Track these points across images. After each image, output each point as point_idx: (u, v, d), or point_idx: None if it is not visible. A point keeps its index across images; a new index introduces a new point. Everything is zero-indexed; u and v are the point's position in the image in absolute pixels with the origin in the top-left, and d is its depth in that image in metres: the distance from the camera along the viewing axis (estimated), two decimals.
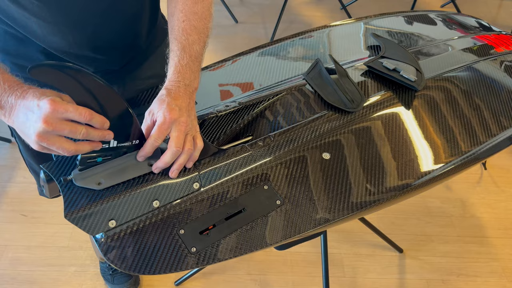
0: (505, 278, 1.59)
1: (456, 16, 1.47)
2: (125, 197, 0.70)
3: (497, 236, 1.73)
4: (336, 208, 0.79)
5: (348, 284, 1.54)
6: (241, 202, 0.76)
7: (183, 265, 0.68)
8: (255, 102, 0.95)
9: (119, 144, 0.69)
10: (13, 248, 1.56)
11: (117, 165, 0.70)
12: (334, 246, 1.63)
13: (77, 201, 0.68)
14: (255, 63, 1.09)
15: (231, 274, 1.54)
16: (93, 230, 0.67)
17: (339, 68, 1.00)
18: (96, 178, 0.69)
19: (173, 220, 0.72)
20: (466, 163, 0.93)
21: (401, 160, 0.89)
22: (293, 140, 0.86)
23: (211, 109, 0.92)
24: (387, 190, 0.84)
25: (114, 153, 0.70)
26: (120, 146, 0.69)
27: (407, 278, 1.57)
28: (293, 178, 0.81)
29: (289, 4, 2.81)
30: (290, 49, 1.17)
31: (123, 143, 0.69)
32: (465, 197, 1.86)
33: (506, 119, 1.04)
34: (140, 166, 0.72)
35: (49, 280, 1.48)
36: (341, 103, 0.93)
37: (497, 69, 1.18)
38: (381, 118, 0.95)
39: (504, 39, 1.34)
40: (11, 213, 1.66)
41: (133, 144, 0.70)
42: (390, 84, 1.02)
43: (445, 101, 1.03)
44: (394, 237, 1.65)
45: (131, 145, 0.70)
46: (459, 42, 1.26)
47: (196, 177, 0.76)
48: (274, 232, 0.74)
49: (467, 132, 0.98)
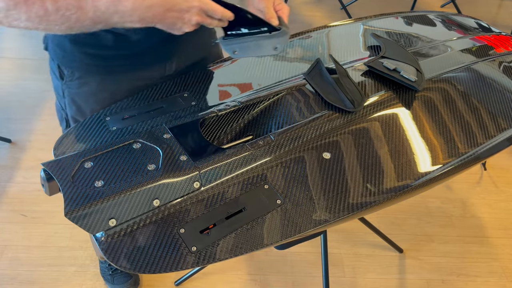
0: (505, 278, 1.60)
1: (455, 17, 1.47)
2: (126, 195, 0.70)
3: (497, 236, 1.73)
4: (336, 207, 0.79)
5: (348, 284, 1.54)
6: (242, 202, 0.76)
7: (183, 264, 0.68)
8: (256, 101, 0.95)
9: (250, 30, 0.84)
10: (13, 248, 1.56)
11: (250, 41, 0.84)
12: (334, 246, 1.63)
13: (77, 200, 0.68)
14: (255, 63, 1.09)
15: (231, 274, 1.54)
16: (93, 229, 0.67)
17: (339, 68, 1.00)
18: (233, 47, 0.85)
19: (174, 219, 0.72)
20: (466, 164, 0.94)
21: (401, 160, 0.89)
22: (293, 139, 0.86)
23: (211, 109, 0.92)
24: (387, 190, 0.84)
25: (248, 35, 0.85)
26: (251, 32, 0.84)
27: (407, 278, 1.57)
28: (293, 177, 0.81)
29: (289, 4, 2.82)
30: (290, 49, 1.17)
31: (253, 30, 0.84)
32: (465, 197, 1.86)
33: (505, 120, 1.04)
34: (267, 46, 0.85)
35: (49, 280, 1.48)
36: (342, 103, 0.93)
37: (497, 70, 1.18)
38: (381, 118, 0.95)
39: (504, 40, 1.34)
40: (11, 213, 1.66)
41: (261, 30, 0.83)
42: (390, 84, 1.02)
43: (445, 101, 1.03)
44: (394, 237, 1.65)
45: (260, 31, 0.83)
46: (459, 43, 1.26)
47: (196, 176, 0.76)
48: (274, 232, 0.74)
49: (467, 133, 0.98)
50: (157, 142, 0.81)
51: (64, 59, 0.93)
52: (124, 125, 0.87)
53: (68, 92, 0.96)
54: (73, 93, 0.95)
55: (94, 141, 0.83)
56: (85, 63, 0.91)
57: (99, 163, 0.76)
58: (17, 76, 2.24)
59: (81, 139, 0.84)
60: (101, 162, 0.76)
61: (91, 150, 0.78)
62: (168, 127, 0.85)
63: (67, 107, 0.98)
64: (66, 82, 0.94)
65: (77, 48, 0.90)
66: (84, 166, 0.75)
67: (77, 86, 0.94)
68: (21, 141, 1.92)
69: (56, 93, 0.99)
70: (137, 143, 0.81)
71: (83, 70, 0.92)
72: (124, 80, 0.95)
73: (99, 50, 0.90)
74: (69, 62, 0.92)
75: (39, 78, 2.24)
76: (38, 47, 2.41)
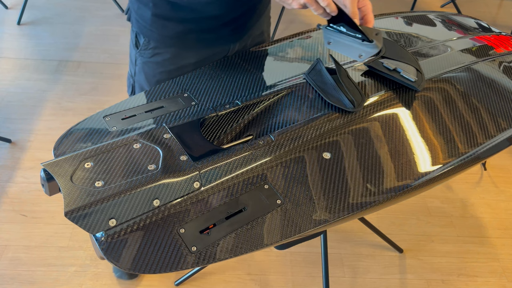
0: (505, 278, 1.60)
1: (455, 17, 1.47)
2: (126, 196, 0.70)
3: (497, 236, 1.73)
4: (336, 207, 0.79)
5: (348, 284, 1.54)
6: (242, 201, 0.76)
7: (183, 264, 0.68)
8: (256, 101, 0.95)
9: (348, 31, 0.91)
10: (13, 248, 1.56)
11: (344, 40, 0.91)
12: (334, 246, 1.63)
13: (77, 200, 0.68)
14: (255, 63, 1.09)
15: (231, 274, 1.54)
16: (93, 229, 0.67)
17: (339, 68, 1.00)
18: (330, 38, 0.93)
19: (174, 219, 0.72)
20: (466, 164, 0.94)
21: (401, 160, 0.89)
22: (293, 139, 0.86)
23: (211, 109, 0.92)
24: (387, 190, 0.84)
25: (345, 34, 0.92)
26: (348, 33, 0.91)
27: (407, 278, 1.57)
28: (293, 177, 0.81)
29: None
30: (290, 49, 1.17)
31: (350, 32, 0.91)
32: (465, 197, 1.87)
33: (505, 120, 1.04)
34: (354, 51, 0.90)
35: (49, 280, 1.48)
36: (342, 103, 0.93)
37: (497, 70, 1.18)
38: (381, 118, 0.95)
39: (504, 40, 1.34)
40: (11, 213, 1.66)
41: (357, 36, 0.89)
42: (390, 84, 1.02)
43: (445, 101, 1.03)
44: (394, 237, 1.65)
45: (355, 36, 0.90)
46: (459, 43, 1.26)
47: (196, 176, 0.76)
48: (274, 232, 0.74)
49: (467, 133, 0.98)
50: (157, 142, 0.81)
51: (143, 29, 1.02)
52: (124, 125, 0.87)
53: (140, 60, 1.06)
54: (144, 62, 1.06)
55: (94, 141, 0.83)
56: (162, 35, 1.01)
57: (99, 163, 0.76)
58: (17, 76, 2.24)
59: (81, 139, 0.84)
60: (101, 162, 0.76)
61: (91, 150, 0.78)
62: (168, 127, 0.85)
63: (136, 74, 1.09)
64: (140, 50, 1.05)
65: (157, 21, 0.99)
66: (84, 166, 0.75)
67: (150, 55, 1.04)
68: (21, 141, 1.92)
69: (130, 60, 1.11)
70: (137, 143, 0.81)
71: (159, 41, 1.02)
72: (192, 56, 1.05)
73: (178, 23, 0.99)
74: (147, 32, 1.02)
75: (39, 78, 2.24)
76: (38, 47, 2.41)
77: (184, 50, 1.04)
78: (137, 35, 1.05)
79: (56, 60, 2.34)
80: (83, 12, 2.71)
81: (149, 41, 1.03)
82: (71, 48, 2.44)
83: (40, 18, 2.62)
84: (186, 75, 1.01)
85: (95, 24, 2.62)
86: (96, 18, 2.67)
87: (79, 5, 2.76)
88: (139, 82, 1.10)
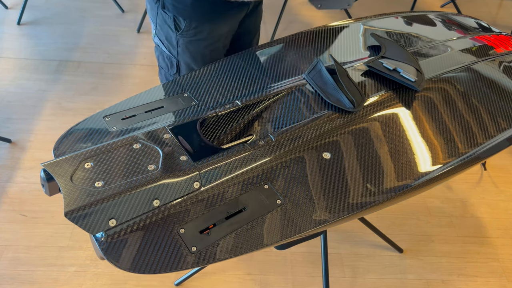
0: (505, 278, 1.60)
1: (455, 17, 1.47)
2: (126, 196, 0.70)
3: (497, 236, 1.73)
4: (336, 207, 0.79)
5: (348, 284, 1.54)
6: (242, 202, 0.76)
7: (183, 264, 0.68)
8: (256, 101, 0.95)
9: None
10: (13, 248, 1.56)
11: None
12: (334, 246, 1.63)
13: (77, 200, 0.68)
14: (255, 63, 1.09)
15: (231, 274, 1.54)
16: (93, 229, 0.67)
17: (339, 68, 1.00)
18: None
19: (173, 219, 0.72)
20: (466, 164, 0.94)
21: (401, 160, 0.89)
22: (293, 139, 0.86)
23: (211, 109, 0.92)
24: (387, 190, 0.84)
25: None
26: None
27: (407, 278, 1.57)
28: (293, 177, 0.81)
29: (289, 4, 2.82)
30: (290, 49, 1.17)
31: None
32: (465, 197, 1.86)
33: (505, 120, 1.04)
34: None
35: (49, 280, 1.48)
36: (342, 103, 0.93)
37: (497, 70, 1.18)
38: (381, 118, 0.95)
39: (504, 40, 1.34)
40: (11, 213, 1.66)
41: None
42: (390, 84, 1.02)
43: (445, 101, 1.03)
44: (394, 237, 1.65)
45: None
46: (459, 43, 1.26)
47: (196, 176, 0.76)
48: (274, 232, 0.74)
49: (466, 133, 0.98)
50: (157, 142, 0.81)
51: (184, 12, 1.12)
52: (124, 125, 0.87)
53: (182, 41, 1.17)
54: (188, 41, 1.17)
55: (94, 142, 0.83)
56: (202, 13, 1.13)
57: (99, 163, 0.76)
58: (17, 76, 2.24)
59: (81, 139, 0.84)
60: (101, 162, 0.76)
61: (91, 150, 0.78)
62: (168, 127, 0.85)
63: (179, 55, 1.20)
64: (183, 32, 1.15)
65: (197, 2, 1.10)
66: (84, 166, 0.75)
67: (193, 34, 1.16)
68: (21, 141, 1.92)
69: (168, 43, 1.21)
70: (137, 143, 0.81)
71: (199, 20, 1.13)
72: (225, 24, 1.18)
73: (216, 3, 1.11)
74: (188, 14, 1.12)
75: (39, 78, 2.24)
76: (38, 47, 2.41)
77: (220, 21, 1.16)
78: (175, 19, 1.14)
79: (56, 60, 2.34)
80: (83, 12, 2.71)
81: (191, 22, 1.13)
82: (71, 48, 2.44)
83: (40, 18, 2.62)
84: (186, 75, 1.01)
85: (95, 24, 2.62)
86: (96, 18, 2.67)
87: (79, 5, 2.75)
88: (184, 61, 1.21)
